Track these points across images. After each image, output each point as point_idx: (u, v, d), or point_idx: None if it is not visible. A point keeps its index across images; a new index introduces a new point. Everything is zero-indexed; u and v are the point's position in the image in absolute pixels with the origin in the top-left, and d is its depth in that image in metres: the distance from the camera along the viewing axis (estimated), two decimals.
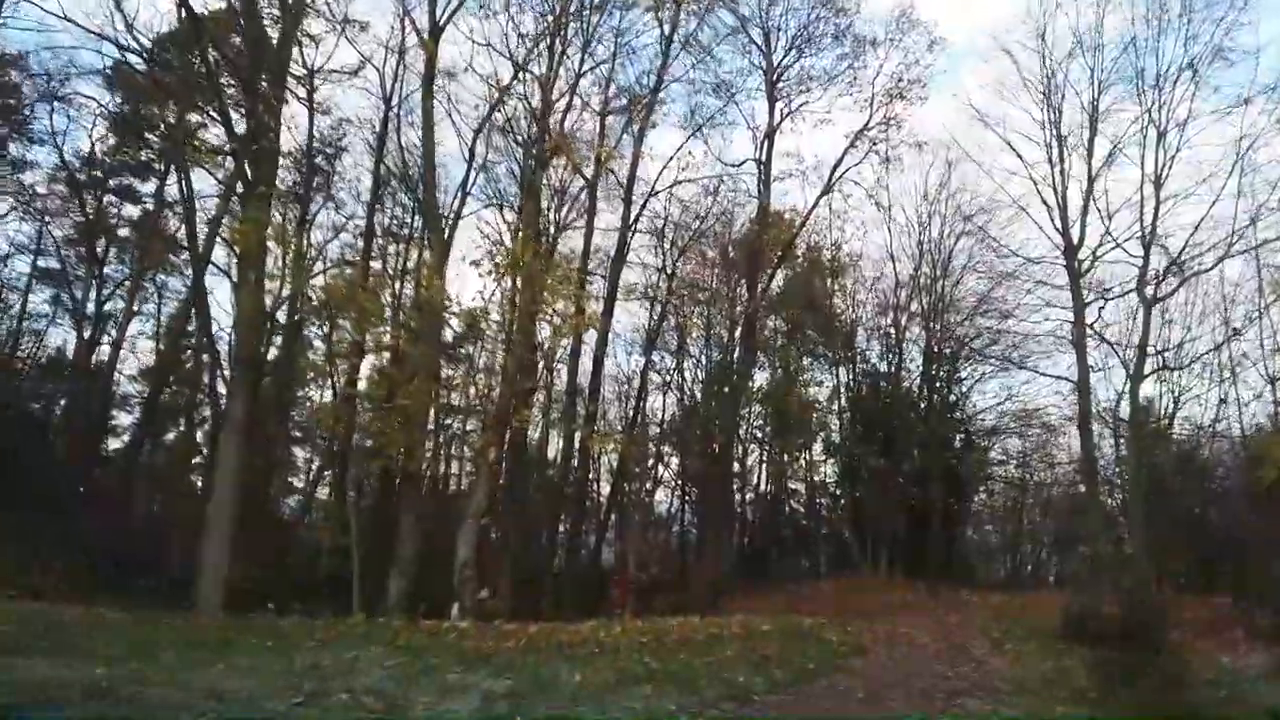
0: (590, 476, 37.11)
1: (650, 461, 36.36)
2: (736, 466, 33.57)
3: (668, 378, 35.91)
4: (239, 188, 16.21)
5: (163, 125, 22.97)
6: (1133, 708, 9.18)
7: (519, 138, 17.43)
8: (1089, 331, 20.03)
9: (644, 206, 24.75)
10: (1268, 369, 22.10)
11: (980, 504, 36.40)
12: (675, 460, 37.72)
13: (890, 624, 17.45)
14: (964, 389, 32.18)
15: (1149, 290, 18.93)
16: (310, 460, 35.62)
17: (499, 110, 17.27)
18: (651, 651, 10.43)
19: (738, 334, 30.90)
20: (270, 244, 15.78)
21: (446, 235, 17.34)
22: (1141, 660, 9.65)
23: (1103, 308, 19.88)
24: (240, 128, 15.59)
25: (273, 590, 17.82)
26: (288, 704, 5.55)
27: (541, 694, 7.33)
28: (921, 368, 30.11)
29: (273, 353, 24.66)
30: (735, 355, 30.26)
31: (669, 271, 28.73)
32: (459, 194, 20.17)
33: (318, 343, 27.86)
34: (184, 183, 19.37)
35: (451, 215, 19.18)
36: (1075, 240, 20.25)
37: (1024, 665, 11.80)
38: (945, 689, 10.18)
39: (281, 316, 24.65)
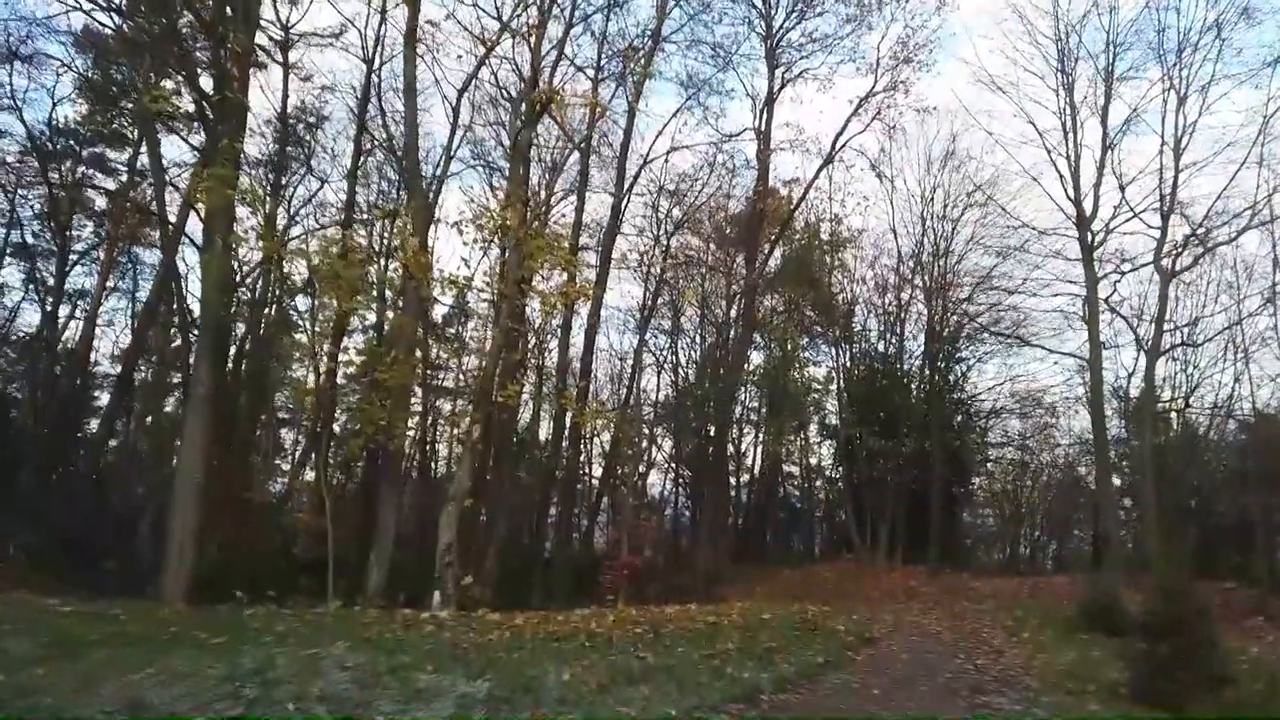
0: (582, 459, 36.41)
1: (643, 444, 35.66)
2: (730, 449, 32.84)
3: (661, 358, 35.13)
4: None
5: (133, 89, 21.75)
6: (1174, 706, 8.35)
7: (506, 92, 16.36)
8: (1102, 306, 19.14)
9: (639, 174, 23.70)
10: None
11: (979, 486, 35.66)
12: (669, 443, 37.04)
13: (897, 612, 16.74)
14: (964, 368, 31.40)
15: (1167, 262, 18.08)
16: (298, 442, 34.72)
17: (486, 65, 16.25)
18: (647, 645, 9.59)
19: (734, 312, 30.03)
20: (242, 209, 14.79)
21: (430, 200, 16.34)
22: (1175, 653, 8.79)
23: (1118, 281, 19.05)
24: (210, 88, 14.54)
25: (249, 576, 16.99)
26: (218, 717, 4.65)
27: (525, 697, 6.45)
28: (923, 346, 29.22)
29: (242, 328, 23.72)
30: (732, 333, 29.40)
31: (664, 245, 27.75)
32: (443, 159, 19.23)
33: (301, 321, 27.08)
34: (151, 147, 18.32)
35: (435, 180, 18.22)
36: (1088, 211, 19.35)
37: (1046, 656, 11.05)
38: (967, 684, 9.40)
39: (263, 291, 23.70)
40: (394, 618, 10.40)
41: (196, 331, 21.47)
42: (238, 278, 20.79)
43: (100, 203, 28.15)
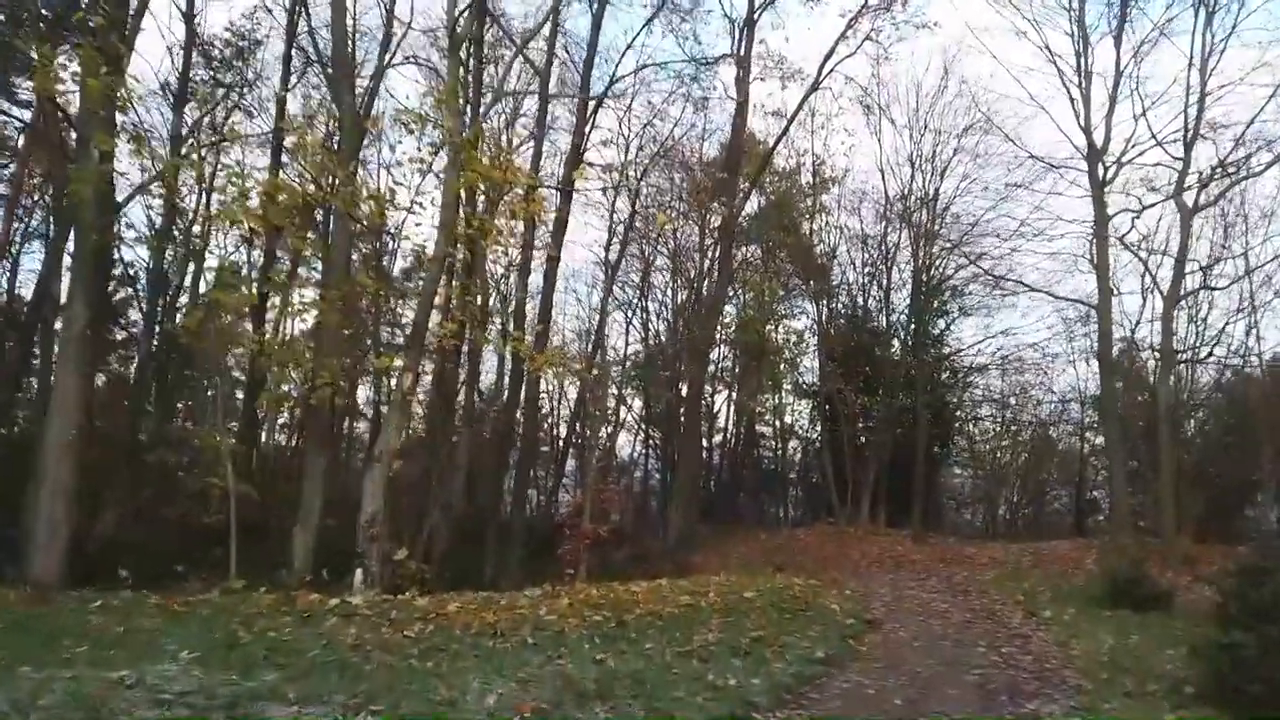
0: (549, 420, 34.40)
1: (611, 402, 33.78)
2: (703, 407, 31.07)
3: (630, 313, 33.18)
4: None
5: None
6: (1263, 711, 6.65)
7: None
8: (1119, 246, 17.35)
9: (605, 92, 21.08)
10: None
11: (960, 448, 34.23)
12: (639, 403, 35.27)
13: (890, 583, 15.07)
14: (948, 322, 29.76)
15: (1189, 197, 16.28)
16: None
17: None
18: (608, 639, 7.68)
19: (707, 264, 28.05)
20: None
21: (361, 110, 14.00)
22: (1267, 646, 7.04)
23: (1137, 216, 17.19)
24: None
25: (152, 549, 14.91)
26: None
27: None
28: (909, 298, 27.41)
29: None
30: (705, 285, 27.38)
31: (634, 188, 25.50)
32: (377, 73, 16.65)
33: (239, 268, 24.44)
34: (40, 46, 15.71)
35: (367, 94, 15.75)
36: (1099, 142, 17.50)
37: (1079, 643, 9.32)
38: (1002, 683, 7.63)
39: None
40: (296, 605, 8.39)
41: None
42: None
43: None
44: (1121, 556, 12.92)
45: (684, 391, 27.22)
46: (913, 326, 27.65)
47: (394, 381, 12.55)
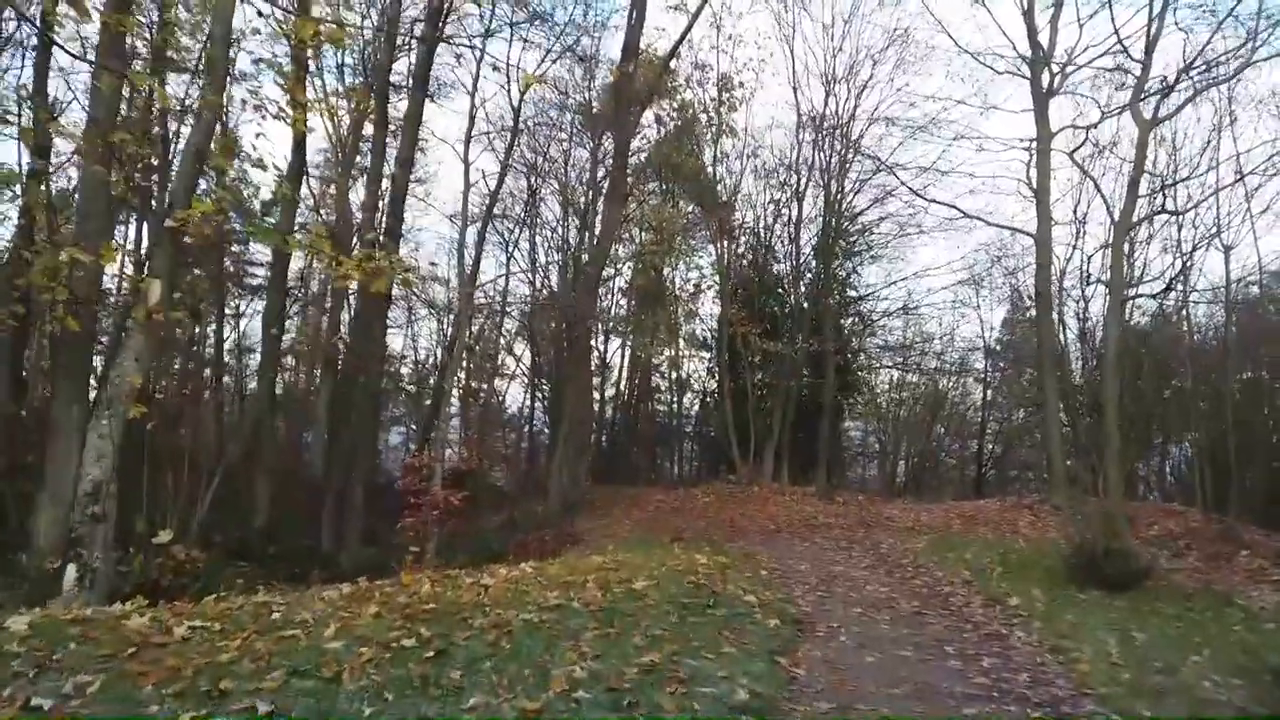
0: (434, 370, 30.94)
1: (496, 353, 30.81)
2: (595, 359, 28.39)
3: (510, 249, 30.01)
4: None
5: None
6: None
7: None
8: (1059, 168, 15.28)
9: None
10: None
11: (864, 399, 32.72)
12: (528, 354, 32.36)
13: (810, 556, 12.63)
14: (857, 263, 27.95)
15: (1146, 107, 14.23)
16: None
17: None
18: (409, 690, 4.72)
19: (601, 198, 25.03)
20: None
21: None
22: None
23: (1093, 127, 15.15)
24: None
25: None
26: None
27: None
28: (819, 234, 25.16)
29: None
30: (599, 217, 24.38)
31: (515, 108, 22.09)
32: None
33: None
34: None
35: None
36: (1046, 45, 15.35)
37: (1075, 646, 6.98)
38: None
39: None
40: None
41: None
42: None
43: None
44: (1089, 524, 10.75)
45: (574, 335, 24.41)
46: (819, 266, 25.48)
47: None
